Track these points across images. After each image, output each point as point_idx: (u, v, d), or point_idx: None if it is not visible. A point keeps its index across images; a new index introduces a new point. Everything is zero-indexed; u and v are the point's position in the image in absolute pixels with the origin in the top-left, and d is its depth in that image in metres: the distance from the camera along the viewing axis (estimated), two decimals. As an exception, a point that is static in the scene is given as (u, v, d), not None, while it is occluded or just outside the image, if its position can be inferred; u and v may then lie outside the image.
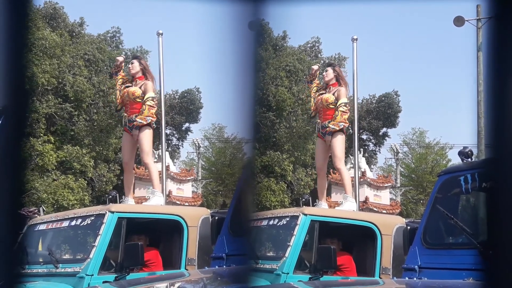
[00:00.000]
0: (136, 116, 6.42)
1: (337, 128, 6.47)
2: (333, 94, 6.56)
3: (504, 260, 1.18)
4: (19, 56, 1.19)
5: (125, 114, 6.54)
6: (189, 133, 29.84)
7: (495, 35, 1.17)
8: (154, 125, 6.57)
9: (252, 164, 1.26)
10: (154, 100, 6.55)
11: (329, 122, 6.49)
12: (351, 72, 7.17)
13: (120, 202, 6.23)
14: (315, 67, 6.97)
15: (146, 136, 6.45)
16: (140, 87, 6.47)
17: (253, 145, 1.19)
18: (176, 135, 29.73)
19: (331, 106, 6.51)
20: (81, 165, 22.53)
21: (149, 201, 6.42)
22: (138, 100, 6.43)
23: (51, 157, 21.83)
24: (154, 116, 6.51)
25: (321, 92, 6.69)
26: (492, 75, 1.18)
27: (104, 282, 5.41)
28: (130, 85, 6.53)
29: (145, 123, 6.41)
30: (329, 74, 6.66)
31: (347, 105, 6.58)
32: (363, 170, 23.64)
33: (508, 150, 1.18)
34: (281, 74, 25.20)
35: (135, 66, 6.55)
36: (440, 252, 4.51)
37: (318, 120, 6.62)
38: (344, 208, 6.47)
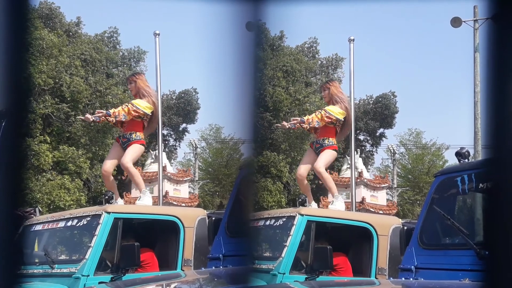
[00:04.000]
0: (131, 134, 6.47)
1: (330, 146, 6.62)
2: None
3: (500, 261, 1.18)
4: (18, 57, 1.18)
5: (122, 129, 6.59)
6: (186, 133, 29.87)
7: (493, 35, 1.17)
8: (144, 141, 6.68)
9: (251, 165, 1.26)
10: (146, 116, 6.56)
11: (323, 140, 6.60)
12: (348, 73, 7.18)
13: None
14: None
15: (137, 148, 6.51)
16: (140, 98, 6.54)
17: (253, 146, 1.18)
18: (173, 136, 29.73)
19: (329, 125, 6.59)
20: (76, 166, 22.49)
21: (141, 200, 6.41)
22: (137, 118, 6.48)
23: (47, 157, 21.79)
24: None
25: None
26: (490, 76, 1.18)
27: (100, 282, 5.40)
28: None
29: (139, 140, 6.51)
30: (325, 95, 6.74)
31: (338, 122, 6.65)
32: (360, 170, 23.66)
33: (505, 151, 1.18)
34: (278, 74, 25.21)
35: (132, 87, 6.60)
36: (437, 252, 4.52)
37: (315, 135, 6.73)
38: (336, 207, 6.50)
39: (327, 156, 6.63)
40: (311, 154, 6.73)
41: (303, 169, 6.77)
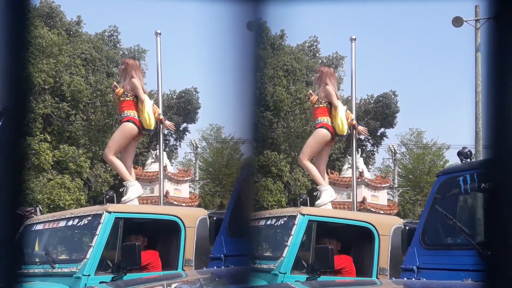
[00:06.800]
0: (120, 115, 6.50)
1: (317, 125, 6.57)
2: (317, 95, 6.65)
3: (503, 261, 1.17)
4: (18, 57, 1.18)
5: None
6: (186, 133, 29.86)
7: (494, 35, 1.17)
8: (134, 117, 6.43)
9: (251, 164, 1.26)
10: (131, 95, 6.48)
11: (315, 121, 6.62)
12: (349, 72, 7.16)
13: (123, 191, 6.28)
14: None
15: (119, 131, 6.46)
16: (123, 86, 6.52)
17: (253, 145, 1.18)
18: (173, 136, 29.72)
19: (315, 106, 6.59)
20: (77, 165, 22.49)
21: (128, 193, 6.37)
22: (122, 99, 6.46)
23: (47, 156, 21.79)
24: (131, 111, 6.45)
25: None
26: (491, 75, 1.18)
27: (101, 282, 5.39)
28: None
29: (125, 117, 6.42)
30: (316, 78, 6.81)
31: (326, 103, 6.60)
32: (360, 170, 23.62)
33: (507, 151, 1.18)
34: (279, 73, 25.20)
35: (121, 69, 6.65)
36: (439, 252, 4.51)
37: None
38: (324, 198, 6.47)
39: (312, 140, 6.56)
40: None
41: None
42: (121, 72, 6.67)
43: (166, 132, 6.92)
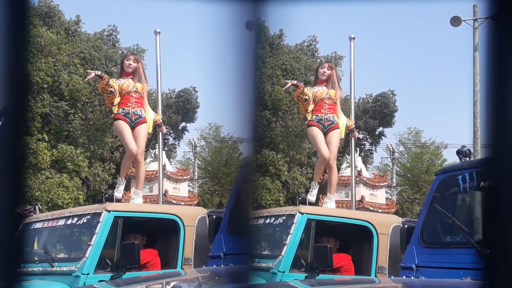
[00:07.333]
0: (141, 111, 6.39)
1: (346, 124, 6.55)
2: (337, 89, 6.59)
3: (501, 259, 1.17)
4: (17, 56, 1.18)
5: (131, 104, 6.39)
6: (185, 132, 29.86)
7: (494, 36, 1.17)
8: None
9: (250, 163, 1.26)
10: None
11: (334, 117, 6.50)
12: (348, 71, 7.17)
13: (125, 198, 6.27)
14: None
15: (145, 132, 6.45)
16: (141, 82, 6.47)
17: (252, 145, 1.18)
18: (172, 135, 29.71)
19: (337, 102, 6.58)
20: (75, 165, 22.46)
21: (133, 201, 6.39)
22: (143, 95, 6.43)
23: (45, 155, 21.77)
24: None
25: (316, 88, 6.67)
26: (490, 75, 1.18)
27: (100, 281, 5.39)
28: (124, 80, 6.47)
29: (147, 119, 6.42)
30: (326, 74, 6.62)
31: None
32: (359, 169, 23.65)
33: (506, 150, 1.18)
34: (277, 72, 25.19)
35: (134, 67, 6.48)
36: (438, 251, 4.51)
37: (323, 111, 6.52)
38: (328, 207, 6.44)
39: (337, 141, 6.49)
40: (320, 133, 6.48)
41: (331, 153, 6.38)
42: (134, 68, 6.42)
43: (164, 131, 6.91)
